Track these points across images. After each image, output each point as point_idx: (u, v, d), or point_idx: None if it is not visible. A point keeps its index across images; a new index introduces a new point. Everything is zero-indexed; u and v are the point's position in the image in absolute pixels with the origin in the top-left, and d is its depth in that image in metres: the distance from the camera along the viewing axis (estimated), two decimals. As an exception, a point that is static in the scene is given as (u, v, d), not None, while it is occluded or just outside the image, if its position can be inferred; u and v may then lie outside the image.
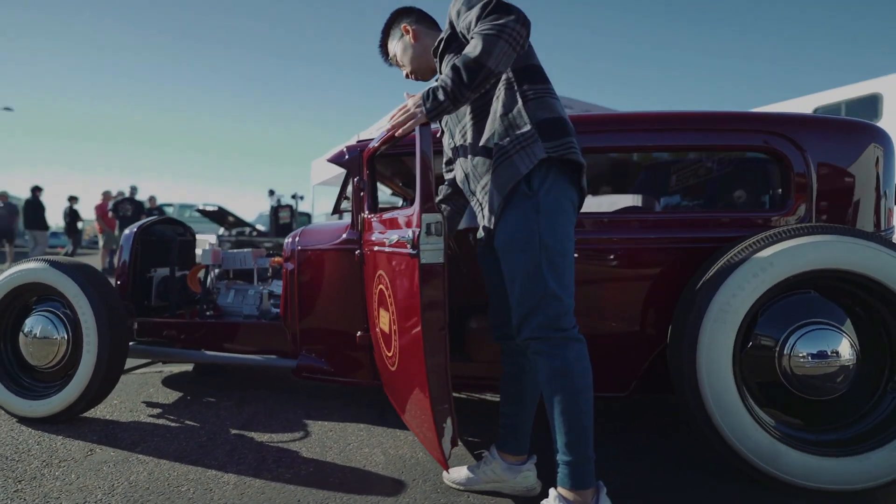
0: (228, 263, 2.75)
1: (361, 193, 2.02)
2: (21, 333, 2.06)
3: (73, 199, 10.53)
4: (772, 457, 1.57)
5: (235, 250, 2.76)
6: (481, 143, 1.40)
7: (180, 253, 2.79)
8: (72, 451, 1.78)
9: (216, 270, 2.75)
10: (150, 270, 2.70)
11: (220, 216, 8.24)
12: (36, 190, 9.61)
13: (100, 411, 2.17)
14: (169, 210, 13.30)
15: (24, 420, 2.03)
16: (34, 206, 9.59)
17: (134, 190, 10.04)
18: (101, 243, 10.24)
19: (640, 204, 2.42)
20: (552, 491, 1.30)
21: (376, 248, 1.73)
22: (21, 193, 19.23)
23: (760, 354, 1.66)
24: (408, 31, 1.61)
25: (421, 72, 1.65)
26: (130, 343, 2.31)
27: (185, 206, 13.69)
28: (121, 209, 9.48)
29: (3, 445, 1.82)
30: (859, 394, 1.66)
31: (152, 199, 11.04)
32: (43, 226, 9.75)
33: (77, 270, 2.02)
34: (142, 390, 2.51)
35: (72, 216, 10.61)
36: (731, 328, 1.59)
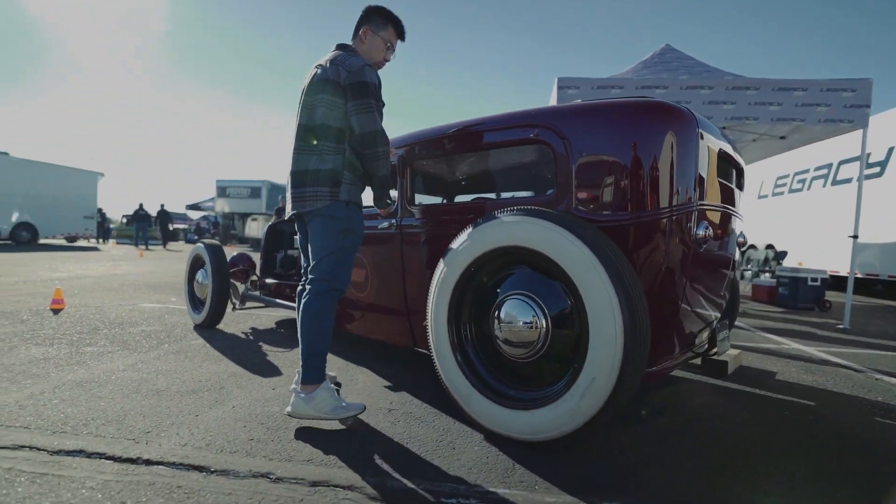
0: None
1: None
2: (195, 280, 3.92)
3: None
4: (466, 398, 1.94)
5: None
6: None
7: (292, 241, 4.37)
8: (189, 338, 3.43)
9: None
10: (276, 251, 4.36)
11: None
12: None
13: (223, 325, 3.86)
14: None
15: (195, 326, 3.86)
16: None
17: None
18: None
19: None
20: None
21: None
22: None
23: (484, 318, 2.00)
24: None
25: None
26: (249, 291, 3.97)
27: None
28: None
29: (174, 332, 3.61)
30: (567, 362, 1.81)
31: None
32: None
33: (209, 247, 3.74)
34: (258, 322, 4.15)
35: None
36: (447, 292, 2.02)
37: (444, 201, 3.45)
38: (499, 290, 1.96)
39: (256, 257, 4.49)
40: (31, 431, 1.79)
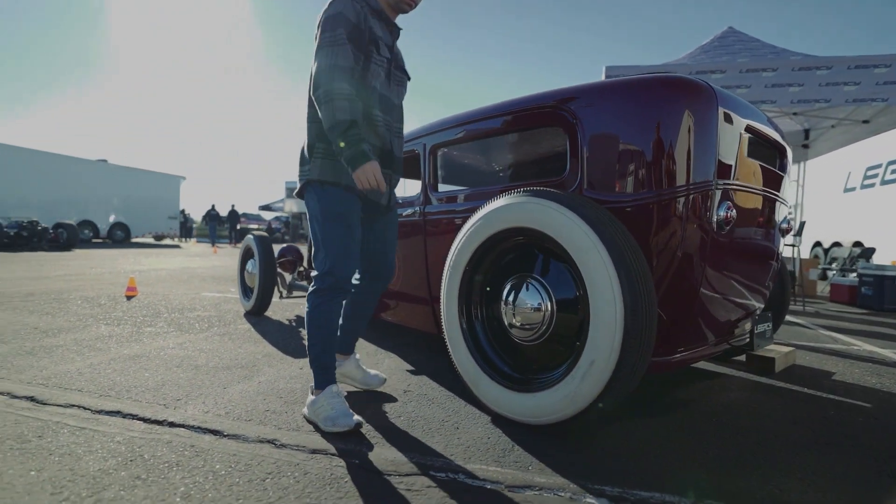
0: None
1: None
2: (245, 270, 4.18)
3: None
4: (475, 381, 1.95)
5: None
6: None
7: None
8: (237, 323, 3.67)
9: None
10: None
11: None
12: None
13: (271, 312, 4.09)
14: None
15: (245, 313, 4.12)
16: None
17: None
18: None
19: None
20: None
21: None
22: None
23: (493, 300, 2.00)
24: None
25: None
26: (296, 282, 4.18)
27: None
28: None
29: (225, 317, 3.88)
30: (572, 345, 1.77)
31: None
32: None
33: (258, 238, 3.97)
34: (304, 310, 4.35)
35: None
36: (458, 275, 2.03)
37: (465, 188, 3.49)
38: (507, 273, 1.95)
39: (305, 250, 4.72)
40: (83, 393, 2.01)
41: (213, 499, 1.27)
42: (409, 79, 2.00)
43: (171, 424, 1.73)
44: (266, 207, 34.65)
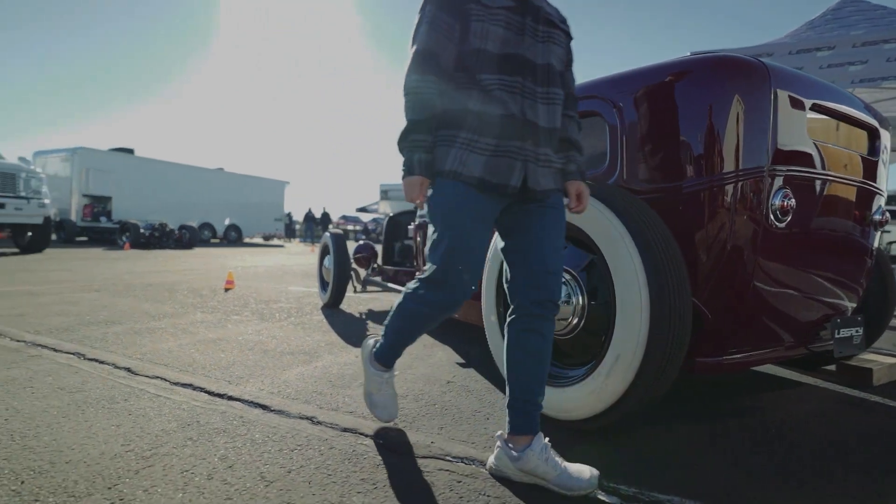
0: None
1: None
2: (322, 266, 4.49)
3: None
4: (508, 373, 1.93)
5: (424, 229, 4.42)
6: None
7: (408, 232, 4.71)
8: (312, 314, 3.95)
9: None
10: (395, 241, 4.75)
11: None
12: None
13: (345, 306, 4.34)
14: None
15: (322, 305, 4.42)
16: None
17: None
18: None
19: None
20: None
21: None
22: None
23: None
24: None
25: None
26: (369, 278, 4.41)
27: None
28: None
29: (304, 309, 4.19)
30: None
31: None
32: None
33: (333, 236, 4.24)
34: (376, 304, 4.57)
35: None
36: (496, 266, 2.04)
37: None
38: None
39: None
40: (166, 367, 2.31)
41: (246, 462, 1.41)
42: (562, 32, 1.47)
43: (230, 398, 1.94)
44: (362, 209, 36.57)
